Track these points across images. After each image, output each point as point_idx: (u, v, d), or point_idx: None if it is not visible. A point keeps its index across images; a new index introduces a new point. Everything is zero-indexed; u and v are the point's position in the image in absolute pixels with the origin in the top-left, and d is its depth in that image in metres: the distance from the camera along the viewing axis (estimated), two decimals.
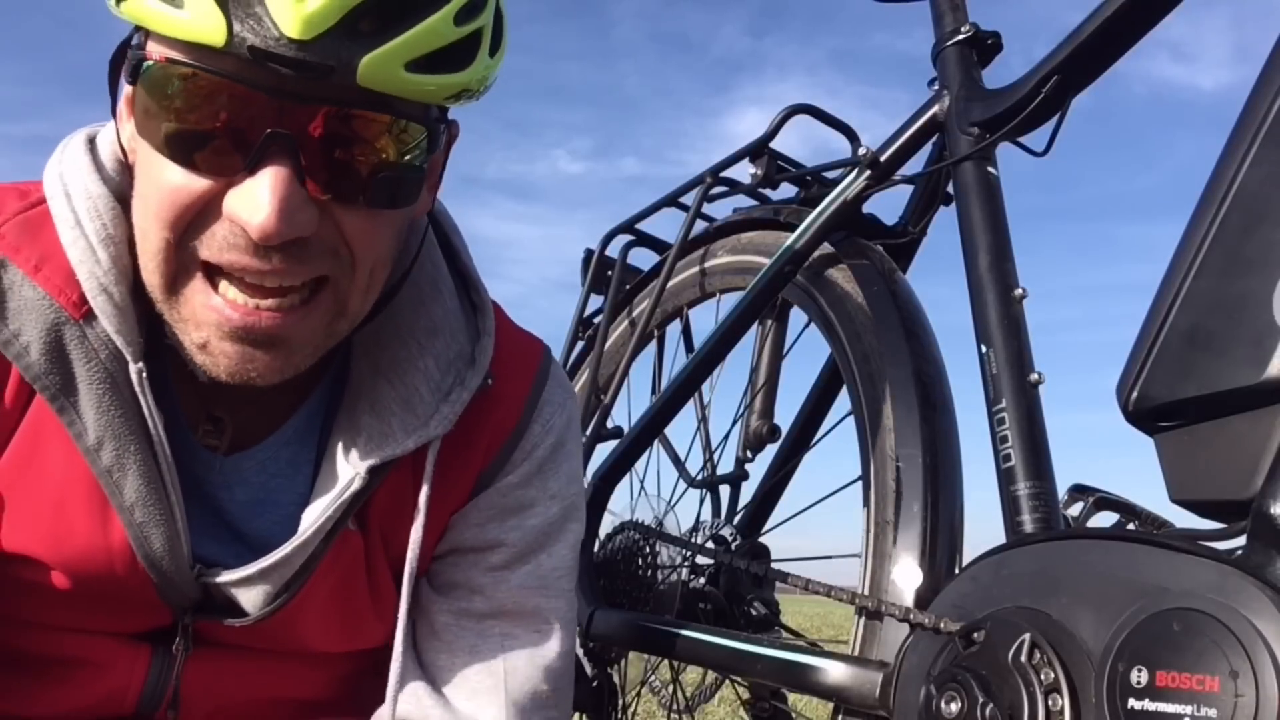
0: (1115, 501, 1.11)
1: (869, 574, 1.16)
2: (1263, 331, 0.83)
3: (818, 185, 1.57)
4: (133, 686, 0.90)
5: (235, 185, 0.71)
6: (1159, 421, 0.91)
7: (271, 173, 0.70)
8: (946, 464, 1.19)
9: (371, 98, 0.70)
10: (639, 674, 1.64)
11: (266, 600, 0.87)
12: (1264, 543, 0.80)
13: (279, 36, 0.66)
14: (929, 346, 1.28)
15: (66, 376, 0.79)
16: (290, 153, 0.70)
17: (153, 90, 0.71)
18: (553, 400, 0.98)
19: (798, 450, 1.59)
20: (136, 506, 0.81)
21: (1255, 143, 0.87)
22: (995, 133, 1.21)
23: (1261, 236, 0.85)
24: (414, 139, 0.75)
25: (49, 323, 0.79)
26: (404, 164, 0.75)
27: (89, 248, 0.79)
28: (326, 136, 0.71)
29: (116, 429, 0.80)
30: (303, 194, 0.71)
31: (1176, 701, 0.78)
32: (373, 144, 0.73)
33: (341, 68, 0.67)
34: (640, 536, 1.53)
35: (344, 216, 0.74)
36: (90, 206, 0.80)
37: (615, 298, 1.81)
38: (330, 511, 0.85)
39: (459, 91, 0.74)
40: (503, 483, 0.95)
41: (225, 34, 0.66)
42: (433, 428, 0.88)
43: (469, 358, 0.91)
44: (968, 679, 0.92)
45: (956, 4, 1.34)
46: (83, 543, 0.83)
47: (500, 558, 0.95)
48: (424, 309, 0.90)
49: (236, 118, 0.70)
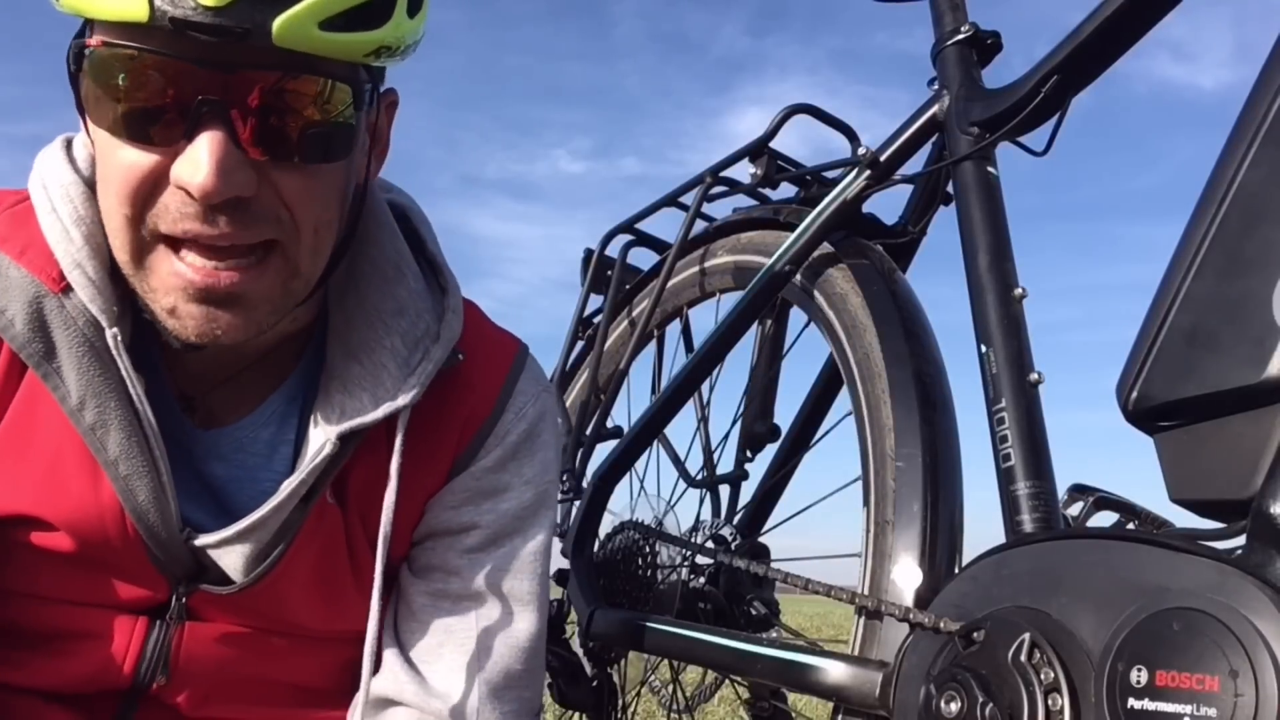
0: (1115, 501, 1.11)
1: (869, 574, 1.16)
2: (1262, 331, 0.83)
3: (817, 185, 1.57)
4: (129, 659, 0.94)
5: (180, 154, 0.77)
6: (1159, 421, 0.91)
7: (207, 136, 0.75)
8: (946, 464, 1.19)
9: (294, 59, 0.76)
10: (639, 674, 1.64)
11: (249, 565, 0.92)
12: (1264, 542, 0.80)
13: (195, 5, 0.71)
14: (929, 346, 1.28)
15: (48, 344, 0.86)
16: (223, 117, 0.76)
17: (94, 74, 0.77)
18: (526, 390, 1.03)
19: (797, 450, 1.59)
20: (120, 460, 0.87)
21: (1255, 142, 0.87)
22: (995, 132, 1.21)
23: (1261, 236, 0.85)
24: (338, 95, 0.80)
25: (30, 296, 0.86)
26: (333, 121, 0.81)
27: (63, 229, 0.87)
28: (256, 100, 0.76)
29: (97, 388, 0.86)
30: (238, 155, 0.76)
31: (1176, 701, 0.78)
32: (300, 104, 0.78)
33: (256, 30, 0.72)
34: (640, 536, 1.53)
35: (281, 177, 0.79)
36: (63, 193, 0.88)
37: (615, 297, 1.81)
38: (304, 475, 0.90)
39: (377, 48, 0.79)
40: (476, 466, 1.00)
41: (147, 8, 0.71)
42: (399, 399, 0.92)
43: (435, 335, 0.96)
44: (967, 679, 0.92)
45: (956, 4, 1.34)
46: (75, 502, 0.88)
47: (475, 540, 1.00)
48: (389, 290, 0.95)
49: (171, 90, 0.76)
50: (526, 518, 1.02)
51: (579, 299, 1.88)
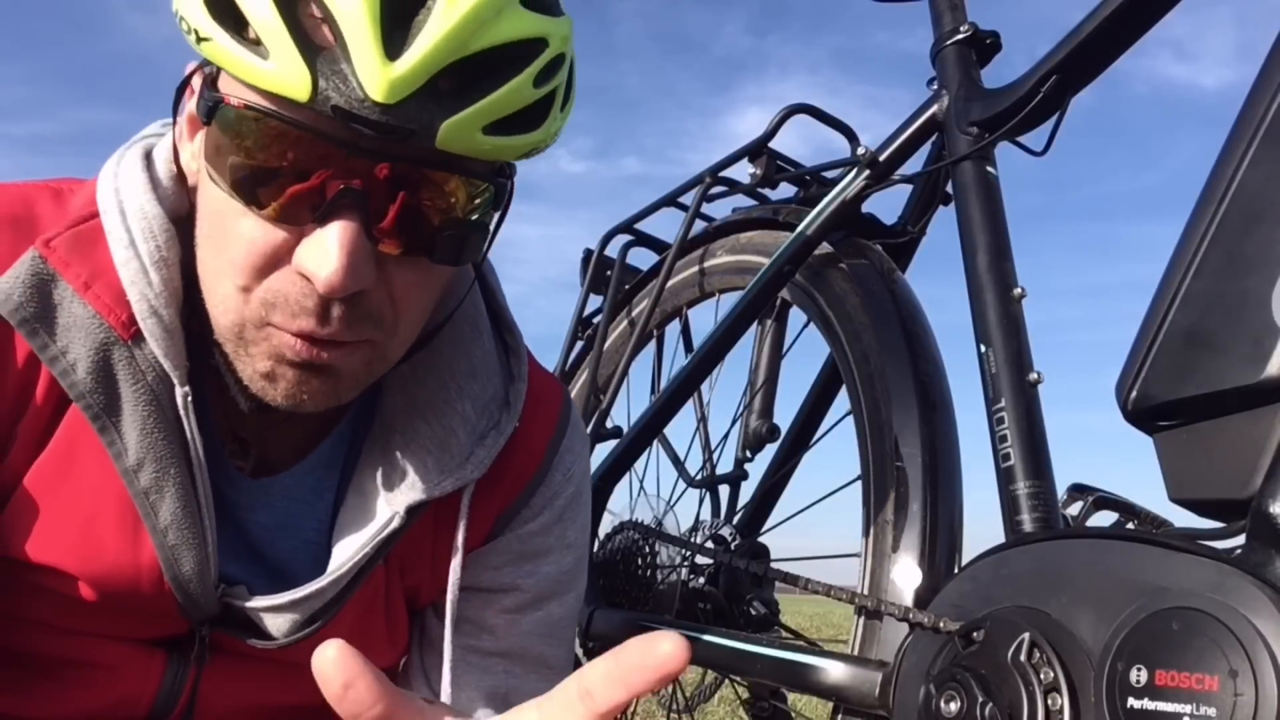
0: (1114, 501, 1.12)
1: (868, 573, 1.16)
2: (1262, 330, 0.83)
3: (817, 185, 1.57)
4: (147, 692, 0.90)
5: (306, 236, 0.71)
6: (1158, 421, 0.91)
7: (341, 225, 0.69)
8: (946, 463, 1.19)
9: (445, 156, 0.70)
10: None
11: (295, 627, 0.88)
12: (1263, 542, 0.80)
13: (363, 98, 0.65)
14: (928, 346, 1.28)
15: (111, 396, 0.79)
16: (360, 206, 0.70)
17: (227, 132, 0.71)
18: (573, 448, 0.99)
19: (797, 450, 1.59)
20: (171, 529, 0.81)
21: (1254, 142, 0.87)
22: (994, 132, 1.21)
23: (1261, 235, 0.85)
24: (482, 196, 0.75)
25: (97, 342, 0.79)
26: (469, 220, 0.75)
27: (141, 269, 0.79)
28: (396, 191, 0.71)
29: (158, 452, 0.80)
30: (368, 247, 0.71)
31: (1176, 700, 0.78)
32: (441, 200, 0.73)
33: (423, 131, 0.67)
34: (640, 536, 1.53)
35: (399, 272, 0.74)
36: (145, 227, 0.80)
37: (614, 297, 1.81)
38: (368, 550, 0.86)
39: (530, 150, 0.75)
40: (523, 530, 0.96)
41: (310, 90, 0.66)
42: (469, 470, 0.88)
43: (503, 401, 0.92)
44: (967, 678, 0.92)
45: (955, 3, 1.34)
46: (111, 560, 0.83)
47: (513, 601, 0.96)
48: (464, 350, 0.90)
49: (311, 170, 0.70)
50: (565, 581, 0.98)
51: (578, 299, 1.88)
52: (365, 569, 0.87)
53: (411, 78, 0.66)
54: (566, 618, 0.99)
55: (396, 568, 0.93)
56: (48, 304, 0.79)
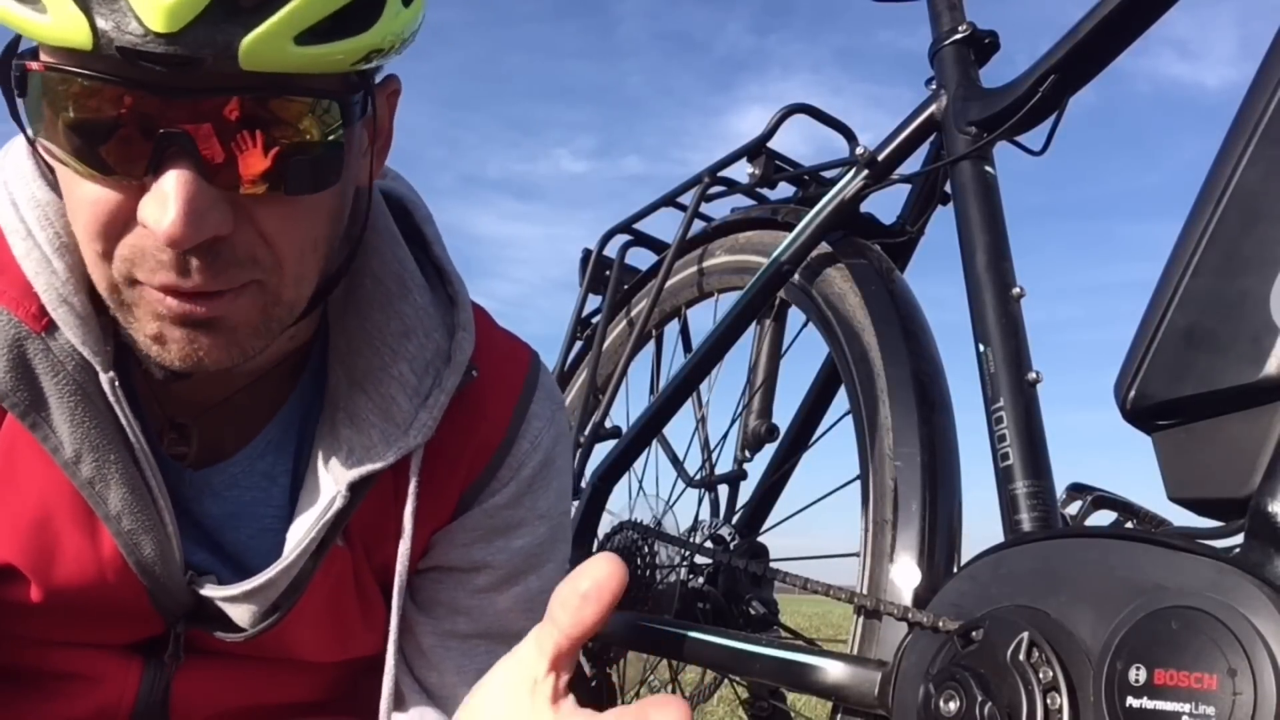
0: (1113, 500, 1.11)
1: (867, 573, 1.16)
2: (1260, 330, 0.83)
3: (815, 185, 1.57)
4: (125, 699, 0.88)
5: (146, 191, 0.67)
6: (1157, 420, 0.91)
7: (173, 175, 0.65)
8: (945, 463, 1.19)
9: (265, 80, 0.65)
10: (638, 674, 1.64)
11: (257, 618, 0.86)
12: (1262, 541, 0.80)
13: (144, 32, 0.60)
14: (927, 345, 1.28)
15: (35, 392, 0.76)
16: (189, 151, 0.65)
17: (39, 100, 0.67)
18: (541, 414, 0.94)
19: (796, 449, 1.59)
20: (123, 515, 0.79)
21: (1252, 141, 0.87)
22: (992, 132, 1.21)
23: (1259, 235, 0.85)
24: (325, 115, 0.69)
25: (9, 339, 0.76)
26: (319, 143, 0.69)
27: (44, 258, 0.76)
28: (225, 127, 0.65)
29: (94, 440, 0.78)
30: (211, 192, 0.66)
31: (1175, 699, 0.78)
32: (279, 129, 0.67)
33: (219, 55, 0.61)
34: (639, 536, 1.53)
35: (261, 210, 0.69)
36: (40, 215, 0.77)
37: (613, 297, 1.81)
38: (315, 532, 0.83)
39: (367, 53, 0.67)
40: (489, 503, 0.92)
41: (90, 36, 0.61)
42: (413, 437, 0.84)
43: (446, 356, 0.87)
44: (966, 678, 0.92)
45: (954, 3, 1.34)
46: (71, 556, 0.81)
47: (486, 579, 0.93)
48: (393, 309, 0.86)
49: (129, 122, 0.65)
50: (541, 554, 0.95)
51: (577, 299, 1.88)
52: (319, 551, 0.84)
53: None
54: (546, 590, 0.95)
55: (361, 547, 0.90)
56: None
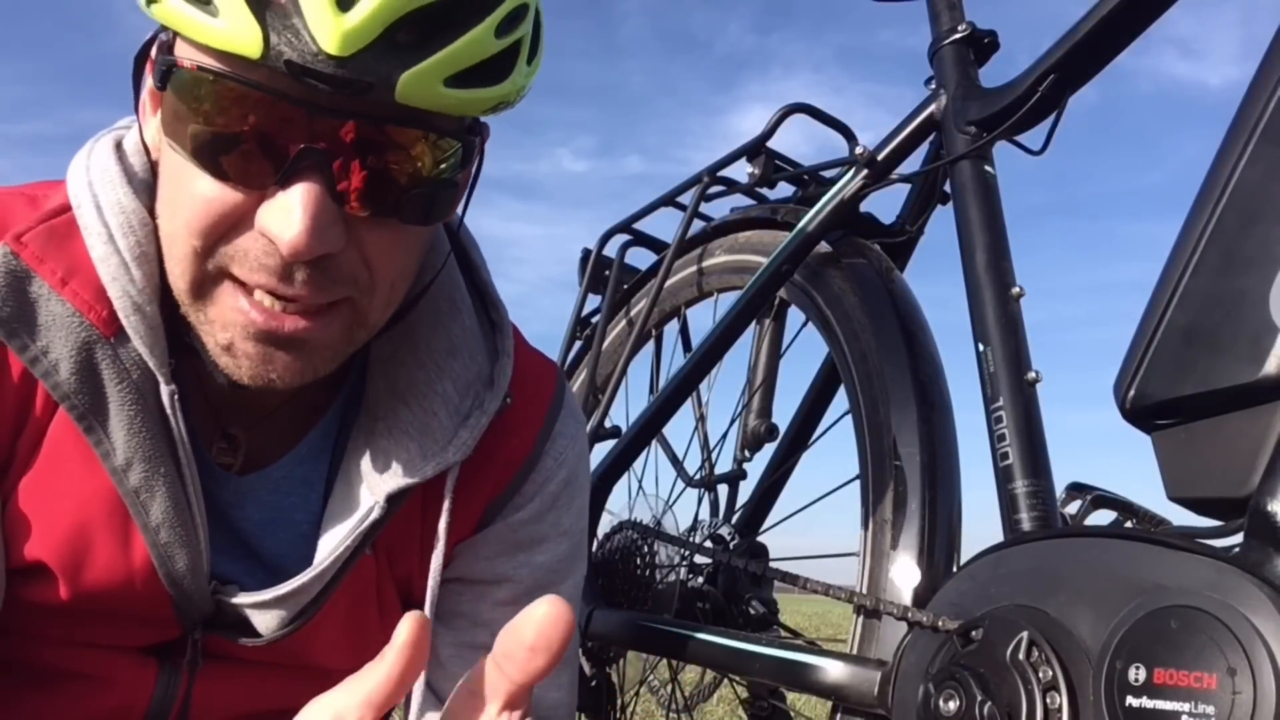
0: (1113, 499, 1.11)
1: (867, 573, 1.16)
2: (1260, 329, 0.83)
3: (815, 184, 1.57)
4: (139, 702, 0.89)
5: (267, 198, 0.69)
6: (1156, 419, 0.91)
7: (304, 188, 0.68)
8: (944, 462, 1.19)
9: (407, 112, 0.68)
10: (637, 673, 1.64)
11: (282, 624, 0.86)
12: (1261, 540, 0.80)
13: (317, 52, 0.64)
14: (926, 345, 1.28)
15: (96, 396, 0.77)
16: (323, 167, 0.68)
17: (183, 97, 0.69)
18: (566, 432, 0.96)
19: (796, 449, 1.59)
20: (163, 528, 0.80)
21: (1252, 140, 0.87)
22: (992, 131, 1.21)
23: (1258, 234, 0.85)
24: (448, 153, 0.73)
25: (79, 340, 0.77)
26: (438, 179, 0.73)
27: (122, 264, 0.77)
28: (359, 151, 0.69)
29: (147, 450, 0.79)
30: (334, 210, 0.69)
31: (1174, 699, 0.78)
32: (406, 159, 0.71)
33: (380, 84, 0.65)
34: (638, 536, 1.53)
35: (370, 233, 0.72)
36: (124, 221, 0.78)
37: (613, 297, 1.81)
38: (350, 541, 0.84)
39: (497, 103, 0.72)
40: (514, 518, 0.93)
41: (262, 46, 0.64)
42: (451, 454, 0.85)
43: (487, 379, 0.89)
44: (966, 677, 0.92)
45: (953, 3, 1.34)
46: (103, 561, 0.81)
47: (507, 593, 0.94)
48: (442, 328, 0.88)
49: (269, 130, 0.68)
50: (561, 570, 0.96)
51: (577, 299, 1.88)
52: (350, 560, 0.86)
53: (365, 29, 0.64)
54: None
55: (385, 557, 0.91)
56: (24, 302, 0.77)
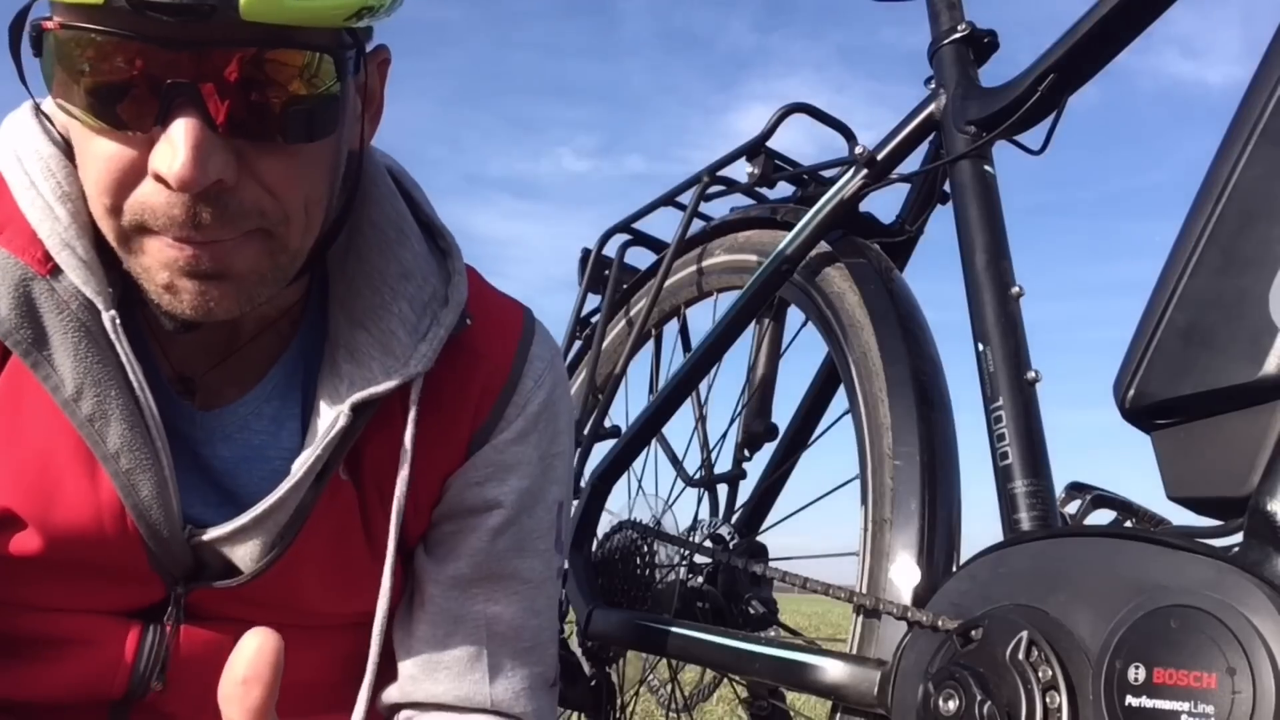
0: (1112, 499, 1.11)
1: (867, 572, 1.16)
2: (1259, 329, 0.83)
3: (815, 184, 1.57)
4: (123, 666, 0.89)
5: (155, 142, 0.72)
6: (1155, 419, 0.91)
7: (181, 123, 0.70)
8: (944, 462, 1.19)
9: (268, 32, 0.70)
10: (637, 673, 1.64)
11: (260, 553, 0.87)
12: (1261, 540, 0.80)
13: None
14: (926, 344, 1.28)
15: (38, 330, 0.80)
16: (195, 101, 0.70)
17: (57, 58, 0.71)
18: (542, 355, 0.99)
19: (795, 449, 1.59)
20: (122, 453, 0.81)
21: (1251, 140, 0.87)
22: (991, 131, 1.21)
23: (1258, 234, 0.85)
24: (321, 68, 0.74)
25: (15, 280, 0.80)
26: (316, 95, 0.75)
27: (46, 206, 0.81)
28: (229, 79, 0.71)
29: (95, 376, 0.81)
30: (215, 139, 0.71)
31: (1174, 698, 0.78)
32: (278, 79, 0.73)
33: (221, 5, 0.67)
34: (638, 535, 1.53)
35: (263, 160, 0.74)
36: (43, 166, 0.81)
37: (612, 297, 1.81)
38: (319, 452, 0.85)
39: (358, 10, 0.72)
40: (498, 439, 0.96)
41: None
42: (412, 366, 0.88)
43: (443, 298, 0.92)
44: (965, 677, 0.92)
45: (952, 2, 1.33)
46: (70, 500, 0.83)
47: (497, 520, 0.96)
48: (392, 254, 0.91)
49: (139, 74, 0.70)
50: (544, 489, 0.99)
51: (576, 298, 1.88)
52: (322, 476, 0.87)
53: None
54: (537, 530, 0.99)
55: (374, 489, 0.92)
56: None
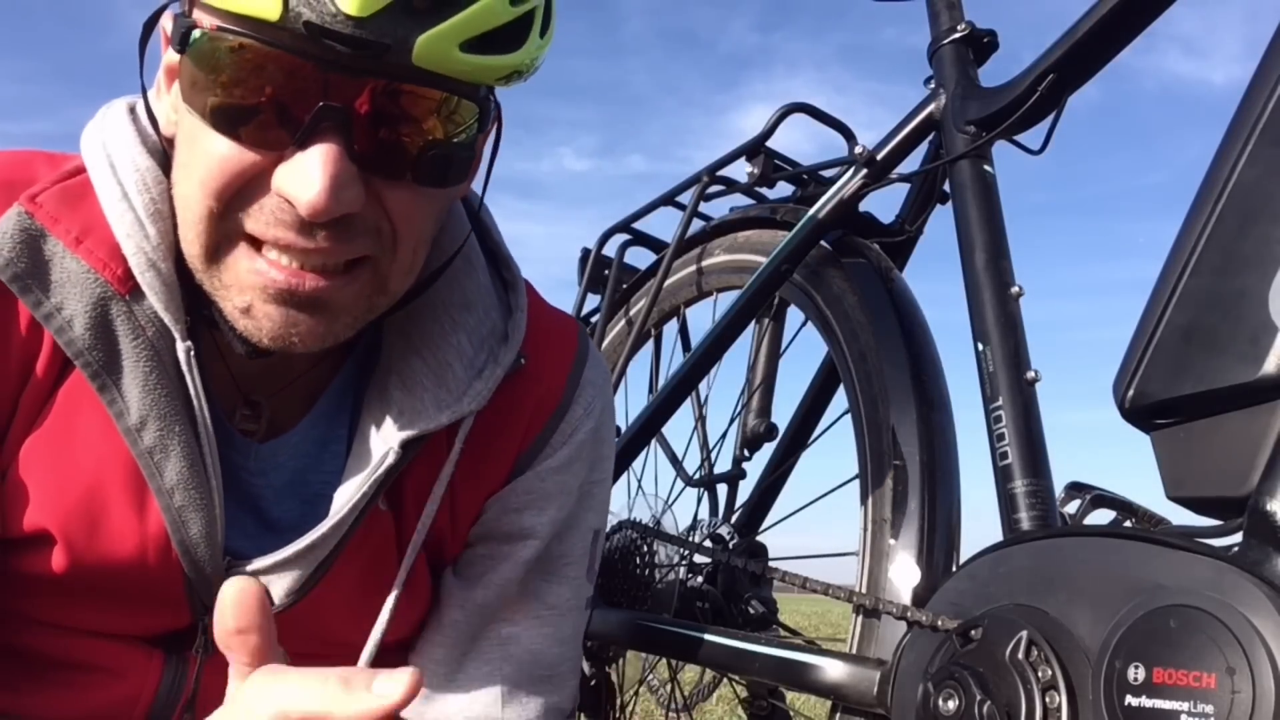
0: (1112, 499, 1.12)
1: (866, 572, 1.16)
2: (1258, 329, 0.83)
3: (814, 184, 1.57)
4: (145, 694, 0.87)
5: (285, 160, 0.70)
6: (1155, 419, 0.91)
7: (323, 149, 0.69)
8: (944, 462, 1.19)
9: (423, 74, 0.70)
10: (637, 672, 1.64)
11: (295, 585, 0.85)
12: (1260, 539, 0.81)
13: (335, 13, 0.66)
14: (926, 344, 1.28)
15: (111, 353, 0.77)
16: (341, 128, 0.69)
17: (201, 60, 0.70)
18: (593, 382, 0.97)
19: (795, 448, 1.59)
20: (177, 490, 0.79)
21: (1251, 140, 0.87)
22: (991, 131, 1.21)
23: (1257, 234, 0.85)
24: (465, 117, 0.75)
25: (94, 297, 0.77)
26: (454, 142, 0.75)
27: (137, 221, 0.78)
28: (377, 112, 0.70)
29: (161, 409, 0.78)
30: (352, 170, 0.70)
31: (1173, 698, 0.78)
32: (423, 121, 0.73)
33: (397, 46, 0.67)
34: (638, 535, 1.53)
35: (390, 194, 0.74)
36: (139, 179, 0.79)
37: (612, 297, 1.81)
38: (365, 488, 0.84)
39: (510, 72, 0.74)
40: (542, 466, 0.94)
41: (280, 8, 0.66)
42: (465, 404, 0.87)
43: (502, 334, 0.91)
44: (965, 677, 0.92)
45: (952, 2, 1.34)
46: (115, 527, 0.80)
47: (530, 551, 0.94)
48: (457, 284, 0.89)
49: (287, 91, 0.69)
50: (580, 517, 0.98)
51: (576, 298, 1.88)
52: (364, 510, 0.85)
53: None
54: (566, 556, 0.97)
55: (414, 516, 0.90)
56: (38, 260, 0.77)
